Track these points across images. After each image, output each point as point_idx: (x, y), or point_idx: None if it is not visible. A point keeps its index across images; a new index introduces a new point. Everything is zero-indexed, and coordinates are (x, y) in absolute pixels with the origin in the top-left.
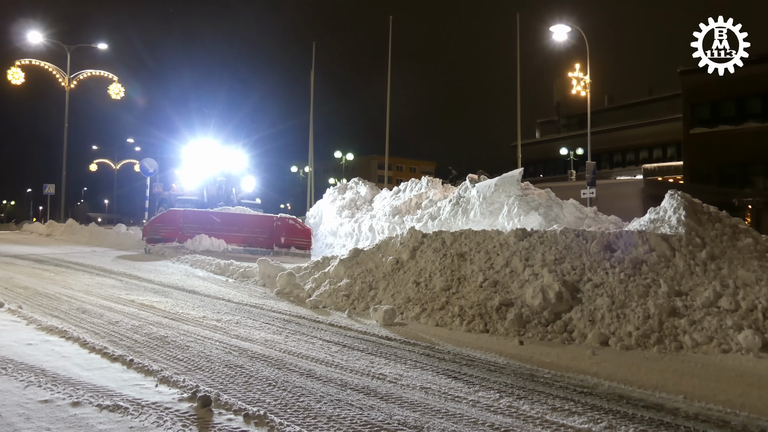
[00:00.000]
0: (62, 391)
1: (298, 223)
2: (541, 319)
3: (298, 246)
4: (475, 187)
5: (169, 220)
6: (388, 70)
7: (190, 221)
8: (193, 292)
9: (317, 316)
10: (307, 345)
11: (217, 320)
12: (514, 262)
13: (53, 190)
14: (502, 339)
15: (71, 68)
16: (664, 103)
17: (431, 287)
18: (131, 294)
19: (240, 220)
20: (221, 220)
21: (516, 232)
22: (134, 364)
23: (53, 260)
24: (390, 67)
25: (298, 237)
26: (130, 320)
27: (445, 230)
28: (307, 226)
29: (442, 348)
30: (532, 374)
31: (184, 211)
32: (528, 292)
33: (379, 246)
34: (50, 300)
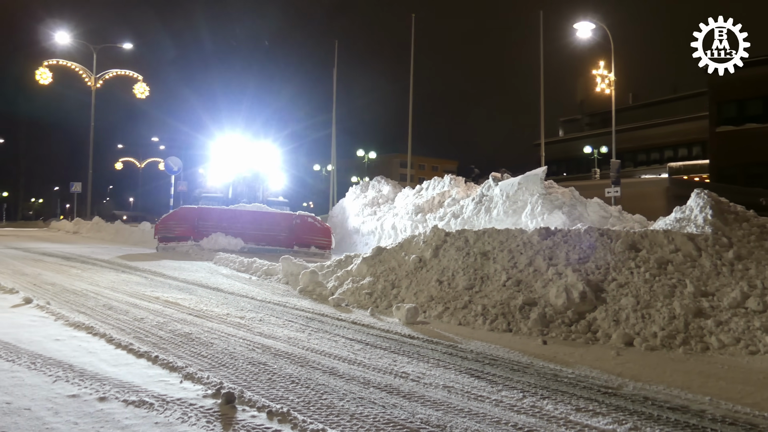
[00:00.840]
0: (89, 386)
1: (317, 221)
2: (564, 319)
3: (318, 245)
4: (498, 186)
5: (182, 218)
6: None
7: (206, 219)
8: (216, 290)
9: (340, 314)
10: (330, 343)
11: (240, 317)
12: (538, 261)
13: (80, 189)
14: (526, 338)
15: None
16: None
17: (454, 286)
18: (156, 291)
19: (258, 218)
20: (238, 217)
21: (539, 230)
22: (159, 360)
23: (80, 257)
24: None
25: (318, 236)
26: (155, 317)
27: (468, 229)
28: (327, 225)
29: (464, 347)
30: (555, 374)
31: (199, 209)
32: (551, 291)
33: (402, 244)
34: (77, 296)
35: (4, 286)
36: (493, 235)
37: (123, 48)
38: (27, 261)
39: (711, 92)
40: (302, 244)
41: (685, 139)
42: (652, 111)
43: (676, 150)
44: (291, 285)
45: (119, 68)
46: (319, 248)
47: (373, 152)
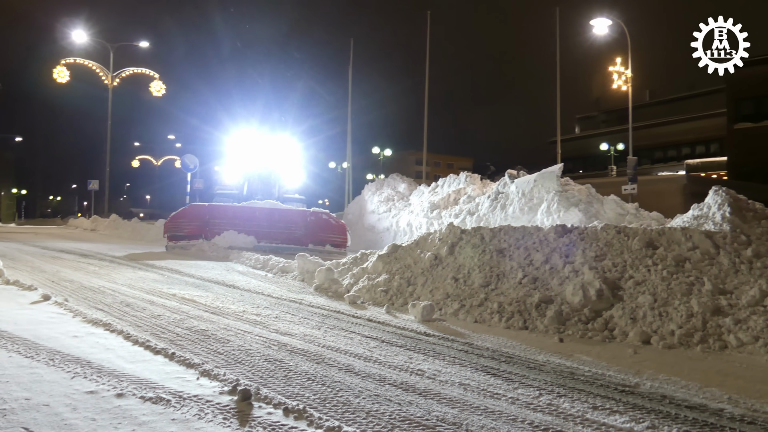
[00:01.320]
0: (107, 382)
1: (332, 218)
2: (581, 317)
3: (333, 243)
4: (514, 183)
5: (192, 216)
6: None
7: (217, 216)
8: (232, 287)
9: (355, 311)
10: (346, 340)
11: (256, 314)
12: (554, 259)
13: (97, 186)
14: (542, 336)
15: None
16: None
17: (470, 283)
18: (172, 288)
19: (271, 216)
20: (251, 214)
21: (556, 228)
22: (176, 357)
23: (97, 254)
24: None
25: (334, 233)
26: (171, 314)
27: (484, 226)
28: (343, 222)
29: (480, 344)
30: (572, 372)
31: (210, 206)
32: (568, 289)
33: (418, 242)
34: (95, 293)
35: (23, 283)
36: (509, 233)
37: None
38: (45, 258)
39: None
40: (317, 242)
41: (702, 136)
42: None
43: (694, 147)
44: (306, 282)
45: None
46: (335, 246)
47: (389, 149)
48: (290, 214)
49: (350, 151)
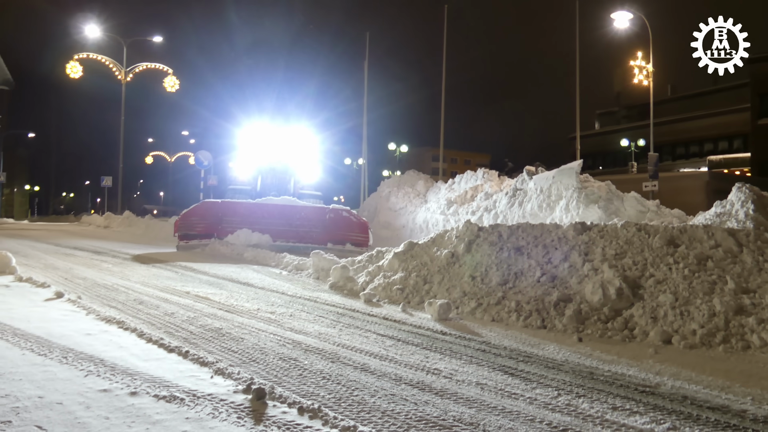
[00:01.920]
0: (120, 380)
1: (353, 215)
2: (600, 316)
3: (353, 242)
4: (532, 180)
5: (205, 213)
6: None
7: (230, 214)
8: (247, 285)
9: (371, 309)
10: (361, 339)
11: (271, 312)
12: (573, 257)
13: (110, 183)
14: (560, 335)
15: (127, 61)
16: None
17: (487, 282)
18: (186, 286)
19: (287, 213)
20: (266, 212)
21: (575, 225)
22: (190, 355)
23: (111, 252)
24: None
25: (354, 232)
26: (185, 312)
27: (502, 223)
28: (364, 220)
29: (498, 344)
30: (591, 372)
31: (222, 203)
32: (587, 287)
33: (434, 239)
34: (108, 291)
35: (36, 280)
36: (527, 230)
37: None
38: (58, 255)
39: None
40: (336, 241)
41: (725, 131)
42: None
43: (716, 143)
44: (321, 280)
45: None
46: (355, 245)
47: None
48: (308, 211)
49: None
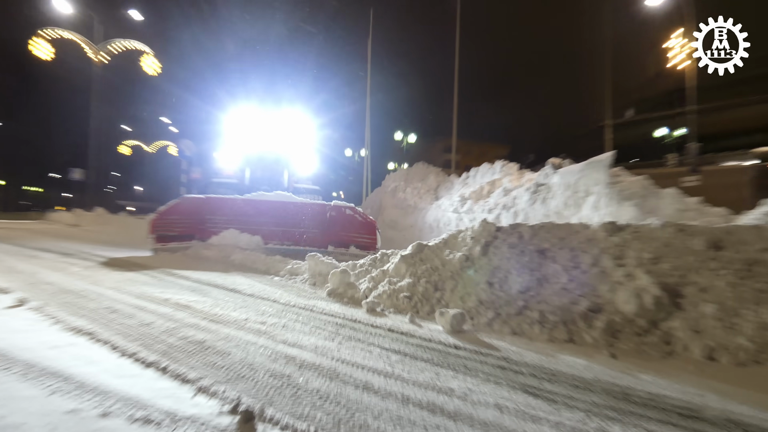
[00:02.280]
0: (90, 400)
1: (358, 213)
2: (635, 328)
3: (359, 245)
4: (557, 174)
5: (185, 211)
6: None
7: (215, 212)
8: (234, 291)
9: (375, 319)
10: (363, 353)
11: (261, 323)
12: (604, 261)
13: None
14: (590, 350)
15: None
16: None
17: (506, 289)
18: (165, 292)
19: (282, 210)
20: (257, 210)
21: (606, 225)
22: (169, 371)
23: (80, 253)
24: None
25: (360, 233)
26: (164, 322)
27: (523, 223)
28: (371, 219)
29: (519, 359)
30: (625, 392)
31: (206, 199)
32: (620, 296)
33: (446, 240)
34: (77, 297)
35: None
36: (551, 230)
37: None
38: (21, 257)
39: None
40: (339, 243)
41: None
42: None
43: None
44: (318, 286)
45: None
46: (361, 248)
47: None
48: (306, 208)
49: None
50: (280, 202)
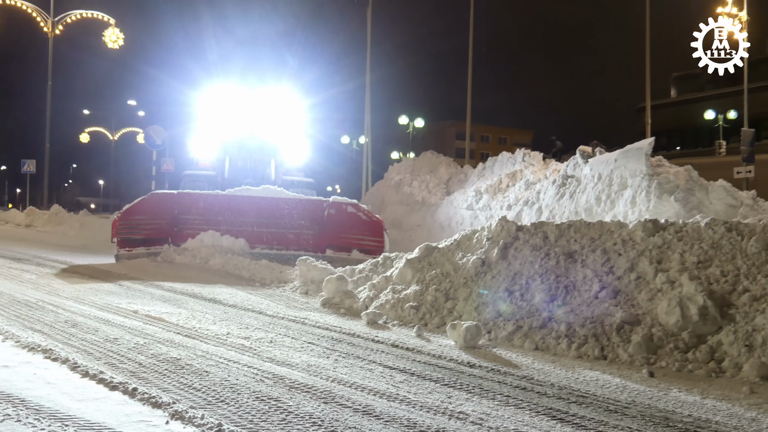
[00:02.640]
0: (47, 427)
1: (362, 211)
2: (678, 343)
3: (364, 248)
4: (588, 164)
5: (154, 210)
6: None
7: (190, 211)
8: (213, 301)
9: (376, 333)
10: (363, 372)
11: (245, 338)
12: (642, 265)
13: (33, 168)
14: (625, 368)
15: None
16: None
17: (529, 298)
18: (134, 303)
19: (270, 208)
20: (240, 208)
21: (644, 224)
22: (138, 393)
23: (35, 258)
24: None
25: (364, 234)
26: (132, 337)
27: (548, 221)
28: (378, 218)
29: (543, 379)
30: (666, 417)
31: (179, 195)
32: (661, 306)
33: (459, 242)
34: (31, 310)
35: None
36: (581, 230)
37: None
38: None
39: None
40: (339, 246)
41: None
42: None
43: None
44: (311, 295)
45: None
46: (366, 252)
47: (420, 119)
48: (299, 205)
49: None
50: (268, 199)
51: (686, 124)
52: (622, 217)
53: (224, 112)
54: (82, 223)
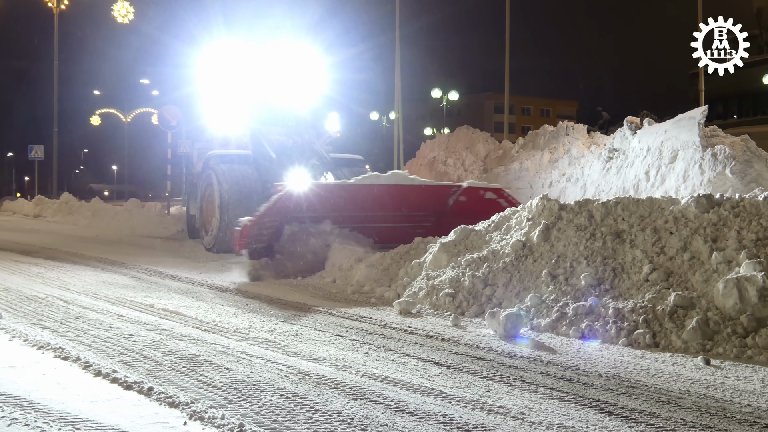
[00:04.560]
0: (57, 430)
1: (505, 197)
2: (736, 328)
3: None
4: (636, 136)
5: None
6: None
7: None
8: (233, 292)
9: (409, 323)
10: (396, 366)
11: (268, 331)
12: (696, 244)
13: (42, 154)
14: (679, 356)
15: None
16: None
17: (574, 282)
18: (150, 296)
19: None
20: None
21: (698, 200)
22: (154, 393)
23: (44, 250)
24: None
25: None
26: (148, 333)
27: (593, 199)
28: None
29: (589, 369)
30: (723, 407)
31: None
32: (717, 288)
33: (497, 223)
34: (40, 305)
35: None
36: (629, 208)
37: None
38: None
39: None
40: None
41: None
42: None
43: None
44: (339, 283)
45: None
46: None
47: (455, 92)
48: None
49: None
50: (398, 186)
51: (744, 90)
52: (673, 193)
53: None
54: (95, 211)
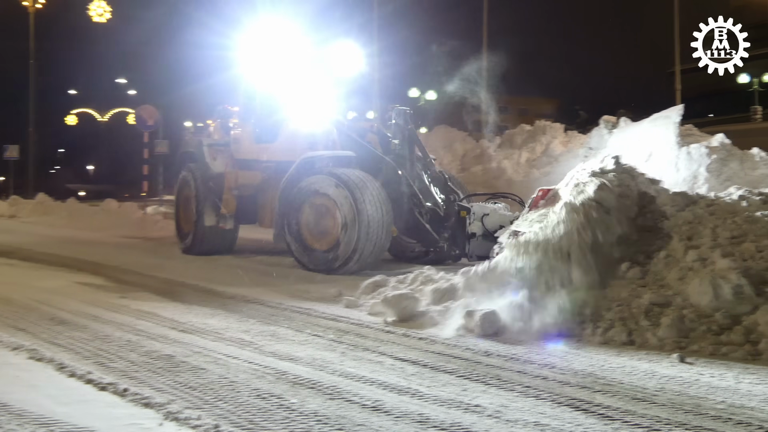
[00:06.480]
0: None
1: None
2: (711, 325)
3: None
4: (612, 134)
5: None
6: None
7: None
8: (210, 292)
9: (384, 323)
10: (372, 365)
11: (244, 331)
12: (672, 243)
13: (17, 153)
14: (655, 353)
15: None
16: None
17: None
18: (126, 297)
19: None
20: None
21: (673, 197)
22: (129, 394)
23: (19, 251)
24: None
25: None
26: (123, 333)
27: None
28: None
29: (565, 366)
30: (697, 404)
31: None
32: (692, 285)
33: None
34: (13, 307)
35: None
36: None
37: None
38: None
39: None
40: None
41: None
42: None
43: None
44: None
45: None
46: None
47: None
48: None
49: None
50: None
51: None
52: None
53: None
54: (71, 212)
